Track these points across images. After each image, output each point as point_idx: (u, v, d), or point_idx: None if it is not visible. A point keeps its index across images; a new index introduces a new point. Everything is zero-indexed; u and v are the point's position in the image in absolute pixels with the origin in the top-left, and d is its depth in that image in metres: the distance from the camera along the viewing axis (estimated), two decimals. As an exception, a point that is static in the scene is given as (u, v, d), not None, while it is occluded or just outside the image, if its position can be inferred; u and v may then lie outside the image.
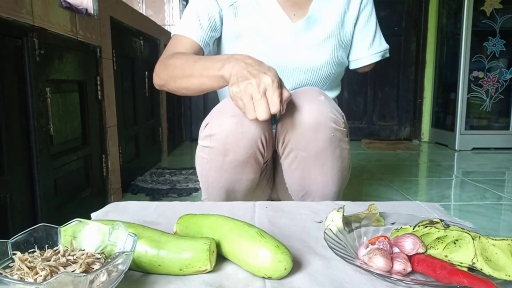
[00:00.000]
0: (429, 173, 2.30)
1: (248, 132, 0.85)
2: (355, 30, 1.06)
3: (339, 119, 0.87)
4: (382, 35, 1.11)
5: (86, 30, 1.38)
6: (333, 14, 1.02)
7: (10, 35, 0.98)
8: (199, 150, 0.93)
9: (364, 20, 1.06)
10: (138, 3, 2.97)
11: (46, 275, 0.40)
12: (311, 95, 0.87)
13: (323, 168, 0.89)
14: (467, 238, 0.50)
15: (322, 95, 0.88)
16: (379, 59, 1.11)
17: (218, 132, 0.86)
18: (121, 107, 1.75)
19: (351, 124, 3.51)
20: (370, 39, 1.08)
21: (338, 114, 0.88)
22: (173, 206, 0.81)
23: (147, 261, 0.49)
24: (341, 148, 0.90)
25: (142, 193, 1.77)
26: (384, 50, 1.11)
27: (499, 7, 2.87)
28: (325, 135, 0.85)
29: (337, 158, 0.89)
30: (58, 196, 1.19)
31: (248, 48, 0.98)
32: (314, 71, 1.01)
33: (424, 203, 0.83)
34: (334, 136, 0.86)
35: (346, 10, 1.04)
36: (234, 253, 0.51)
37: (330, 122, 0.85)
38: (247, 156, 0.87)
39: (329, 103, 0.87)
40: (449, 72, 3.10)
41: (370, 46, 1.08)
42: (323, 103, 0.85)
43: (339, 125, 0.87)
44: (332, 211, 0.62)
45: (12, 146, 0.98)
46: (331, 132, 0.85)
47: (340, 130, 0.88)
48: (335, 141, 0.87)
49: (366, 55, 1.08)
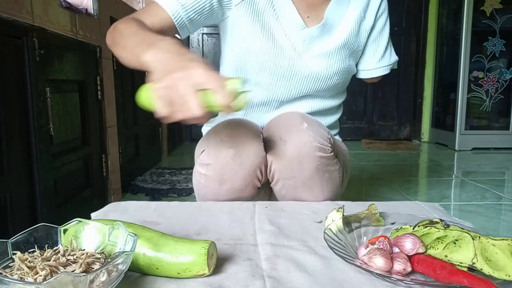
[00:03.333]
0: (429, 173, 2.30)
1: (246, 162, 0.83)
2: (369, 40, 1.02)
3: (325, 146, 0.84)
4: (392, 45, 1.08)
5: (86, 30, 1.38)
6: (349, 22, 0.97)
7: (10, 35, 0.98)
8: (196, 173, 0.90)
9: (378, 30, 1.03)
10: (138, 3, 2.97)
11: (46, 275, 0.40)
12: (293, 123, 0.84)
13: (312, 192, 0.88)
14: (467, 238, 0.50)
15: (304, 122, 0.84)
16: (387, 72, 1.08)
17: (214, 162, 0.84)
18: (121, 107, 1.75)
19: (351, 124, 3.52)
20: (382, 51, 1.04)
21: (324, 141, 0.84)
22: (173, 206, 0.80)
23: (145, 263, 0.49)
24: (330, 171, 0.88)
25: (142, 193, 1.77)
26: (394, 62, 1.08)
27: (499, 7, 2.87)
28: (310, 165, 0.83)
29: (326, 181, 0.88)
30: (58, 196, 1.19)
31: (257, 50, 0.93)
32: (323, 80, 0.97)
33: (424, 203, 0.83)
34: (321, 163, 0.84)
35: (363, 19, 0.99)
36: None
37: (314, 151, 0.82)
38: (244, 185, 0.86)
39: (312, 130, 0.84)
40: (449, 72, 3.10)
41: (381, 58, 1.05)
42: (306, 132, 0.83)
43: (325, 152, 0.84)
44: (332, 211, 0.62)
45: (12, 146, 0.98)
46: (316, 161, 0.83)
47: (327, 156, 0.85)
48: (322, 168, 0.85)
49: (375, 67, 1.05)
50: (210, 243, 0.50)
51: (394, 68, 1.10)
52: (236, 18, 0.92)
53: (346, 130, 3.43)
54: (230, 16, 0.92)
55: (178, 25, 0.85)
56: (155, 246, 0.49)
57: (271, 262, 0.54)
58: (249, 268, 0.52)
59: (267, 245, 0.60)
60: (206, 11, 0.87)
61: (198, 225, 0.68)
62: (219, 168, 0.83)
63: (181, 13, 0.84)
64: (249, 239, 0.62)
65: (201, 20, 0.89)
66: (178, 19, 0.84)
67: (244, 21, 0.92)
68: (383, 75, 1.08)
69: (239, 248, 0.59)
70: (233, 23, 0.93)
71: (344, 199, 0.89)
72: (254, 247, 0.59)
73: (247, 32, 0.92)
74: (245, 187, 0.86)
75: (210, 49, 3.39)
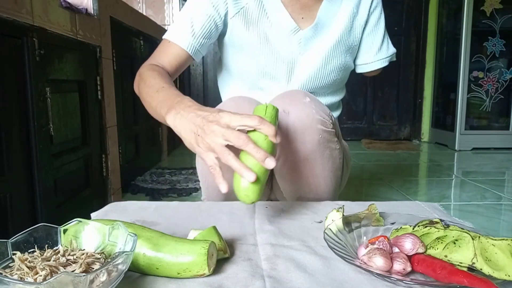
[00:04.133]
0: (429, 173, 2.30)
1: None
2: (364, 34, 1.04)
3: (327, 120, 0.86)
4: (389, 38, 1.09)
5: (86, 30, 1.38)
6: (342, 19, 0.99)
7: (10, 35, 0.98)
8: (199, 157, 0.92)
9: (373, 24, 1.04)
10: (138, 3, 2.97)
11: (46, 275, 0.40)
12: (296, 97, 0.85)
13: (313, 170, 0.88)
14: (466, 238, 0.50)
15: (307, 96, 0.86)
16: (386, 64, 1.09)
17: None
18: (121, 107, 1.75)
19: (351, 124, 3.52)
20: (378, 43, 1.06)
21: (325, 115, 0.86)
22: (173, 206, 0.81)
23: (145, 263, 0.49)
24: (331, 149, 0.88)
25: (142, 193, 1.77)
26: (392, 54, 1.09)
27: (499, 7, 2.87)
28: (312, 137, 0.84)
29: (327, 159, 0.88)
30: (58, 196, 1.19)
31: (255, 59, 0.96)
32: (322, 78, 0.99)
33: (424, 203, 0.83)
34: (322, 137, 0.85)
35: (356, 14, 1.00)
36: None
37: (316, 124, 0.83)
38: None
39: (315, 104, 0.85)
40: (449, 72, 3.10)
41: (378, 51, 1.06)
42: (308, 105, 0.84)
43: (326, 126, 0.85)
44: (332, 211, 0.62)
45: (12, 146, 0.98)
46: (318, 134, 0.84)
47: (328, 131, 0.86)
48: (323, 143, 0.86)
49: (374, 60, 1.07)
50: (210, 243, 0.50)
51: (393, 60, 1.11)
52: (232, 30, 0.95)
53: (346, 130, 3.43)
54: (227, 29, 0.96)
55: (192, 54, 0.91)
56: (155, 246, 0.49)
57: (271, 262, 0.54)
58: (249, 268, 0.52)
59: (267, 245, 0.60)
60: (213, 32, 0.94)
61: (198, 225, 0.68)
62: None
63: (193, 43, 0.90)
64: (249, 239, 0.62)
65: (210, 42, 0.96)
66: (191, 50, 0.91)
67: (240, 32, 0.95)
68: (382, 67, 1.09)
69: (239, 248, 0.59)
70: (230, 35, 0.96)
71: (344, 199, 0.89)
72: (254, 247, 0.59)
73: (244, 41, 0.96)
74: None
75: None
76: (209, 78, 3.41)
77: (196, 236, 0.55)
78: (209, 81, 3.41)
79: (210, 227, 0.55)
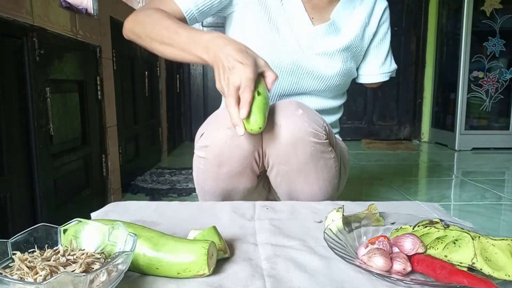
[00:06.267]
0: (429, 173, 2.30)
1: (244, 144, 0.83)
2: (371, 45, 1.06)
3: (319, 132, 0.85)
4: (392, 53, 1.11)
5: (86, 30, 1.38)
6: (354, 26, 1.00)
7: (10, 35, 0.98)
8: (195, 159, 0.92)
9: (381, 37, 1.06)
10: (138, 3, 2.97)
11: (46, 275, 0.40)
12: (288, 109, 0.85)
13: (307, 180, 0.88)
14: (466, 238, 0.50)
15: (300, 108, 0.85)
16: (387, 79, 1.11)
17: (212, 144, 0.85)
18: (121, 107, 1.75)
19: (351, 124, 3.52)
20: (382, 57, 1.08)
21: (318, 127, 0.85)
22: (173, 206, 0.81)
23: (145, 263, 0.49)
24: (325, 159, 0.88)
25: (142, 193, 1.77)
26: (393, 70, 1.11)
27: (499, 7, 2.87)
28: (304, 150, 0.83)
29: (321, 168, 0.88)
30: (58, 196, 1.19)
31: (262, 42, 0.95)
32: (324, 80, 0.99)
33: (424, 203, 0.83)
34: (315, 149, 0.84)
35: (367, 24, 1.02)
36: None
37: (308, 137, 0.83)
38: (242, 167, 0.86)
39: (308, 116, 0.84)
40: (449, 72, 3.10)
41: (382, 65, 1.08)
42: (301, 118, 0.83)
43: (319, 138, 0.85)
44: (332, 211, 0.62)
45: (12, 146, 0.98)
46: (310, 146, 0.83)
47: (321, 143, 0.85)
48: (316, 154, 0.85)
49: (376, 73, 1.08)
50: (210, 243, 0.50)
51: (393, 76, 1.14)
52: (244, 9, 0.95)
53: (346, 130, 3.43)
54: (238, 7, 0.95)
55: (188, 18, 0.91)
56: (155, 246, 0.49)
57: (271, 262, 0.54)
58: (249, 268, 0.52)
59: (267, 245, 0.60)
60: (215, 6, 0.93)
61: (198, 225, 0.68)
62: (217, 149, 0.84)
63: (192, 8, 0.90)
64: (249, 239, 0.62)
65: (211, 12, 0.95)
66: (189, 14, 0.90)
67: (252, 12, 0.95)
68: (382, 81, 1.11)
69: (239, 248, 0.59)
70: (240, 14, 0.96)
71: (344, 199, 0.89)
72: (254, 247, 0.59)
73: (253, 23, 0.95)
74: (243, 170, 0.87)
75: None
76: (209, 78, 3.41)
77: (196, 236, 0.55)
78: (209, 81, 3.41)
79: (210, 227, 0.55)
